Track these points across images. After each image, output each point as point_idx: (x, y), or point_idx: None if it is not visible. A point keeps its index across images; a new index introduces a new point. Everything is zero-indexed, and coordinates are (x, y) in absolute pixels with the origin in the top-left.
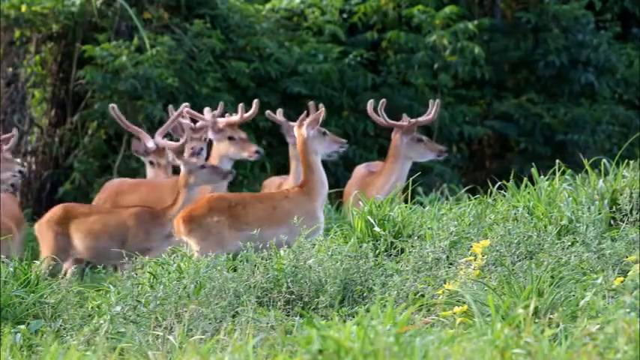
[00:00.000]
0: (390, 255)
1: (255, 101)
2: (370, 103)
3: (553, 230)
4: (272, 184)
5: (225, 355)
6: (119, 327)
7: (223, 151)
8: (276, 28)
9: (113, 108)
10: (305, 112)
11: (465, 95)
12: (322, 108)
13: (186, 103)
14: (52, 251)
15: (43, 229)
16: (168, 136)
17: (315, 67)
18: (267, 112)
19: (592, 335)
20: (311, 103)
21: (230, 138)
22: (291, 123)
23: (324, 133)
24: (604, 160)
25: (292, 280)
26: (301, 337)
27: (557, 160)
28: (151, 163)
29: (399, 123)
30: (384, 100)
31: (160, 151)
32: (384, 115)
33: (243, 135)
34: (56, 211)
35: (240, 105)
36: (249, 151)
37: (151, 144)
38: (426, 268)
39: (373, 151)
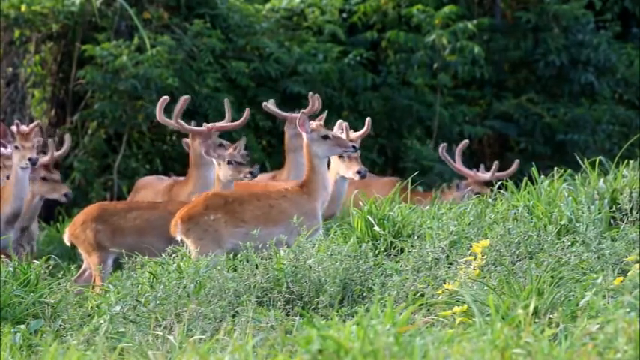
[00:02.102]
0: (390, 255)
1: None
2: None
3: (553, 230)
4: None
5: (225, 355)
6: (119, 327)
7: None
8: (276, 28)
9: (164, 99)
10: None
11: (465, 95)
12: (307, 108)
13: (187, 96)
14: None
15: None
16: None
17: (315, 67)
18: (264, 104)
19: (592, 335)
20: (310, 94)
21: (43, 179)
22: (293, 114)
23: (326, 137)
24: (600, 158)
25: (292, 279)
26: (301, 337)
27: (556, 165)
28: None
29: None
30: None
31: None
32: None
33: (55, 177)
34: None
35: (50, 141)
36: (59, 193)
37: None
38: (426, 268)
39: (373, 151)
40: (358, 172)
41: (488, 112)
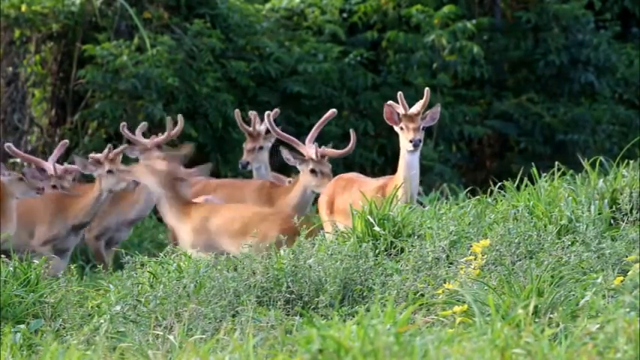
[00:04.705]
0: (390, 254)
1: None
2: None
3: (553, 230)
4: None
5: (225, 355)
6: (119, 326)
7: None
8: (276, 28)
9: (268, 115)
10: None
11: (465, 95)
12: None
13: (334, 110)
14: None
15: None
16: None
17: (315, 67)
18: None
19: (592, 335)
20: (168, 119)
21: (109, 171)
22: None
23: None
24: (601, 158)
25: (292, 279)
26: (301, 337)
27: (556, 162)
28: (313, 171)
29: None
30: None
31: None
32: None
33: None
34: None
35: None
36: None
37: (311, 151)
38: (426, 268)
39: (373, 151)
40: (410, 141)
41: (489, 112)
